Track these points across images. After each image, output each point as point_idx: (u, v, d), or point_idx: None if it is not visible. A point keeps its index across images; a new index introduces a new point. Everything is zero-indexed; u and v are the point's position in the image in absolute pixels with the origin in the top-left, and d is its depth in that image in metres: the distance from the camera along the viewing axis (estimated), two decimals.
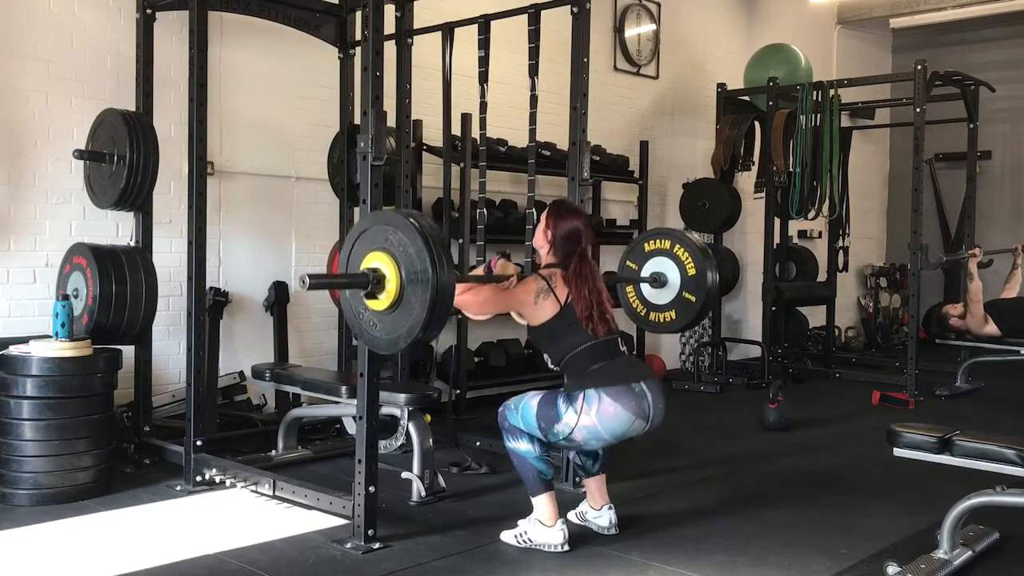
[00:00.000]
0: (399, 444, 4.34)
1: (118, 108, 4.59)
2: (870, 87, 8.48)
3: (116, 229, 4.96)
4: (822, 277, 8.59)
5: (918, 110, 6.91)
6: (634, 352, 7.31)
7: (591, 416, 3.32)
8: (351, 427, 4.56)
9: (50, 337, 4.03)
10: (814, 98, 7.47)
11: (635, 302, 4.58)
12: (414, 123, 5.45)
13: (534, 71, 4.48)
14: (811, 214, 7.66)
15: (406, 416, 4.20)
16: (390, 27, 4.79)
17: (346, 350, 5.55)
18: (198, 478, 4.18)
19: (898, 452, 3.50)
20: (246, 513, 3.88)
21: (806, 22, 9.72)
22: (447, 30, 4.90)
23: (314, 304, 5.81)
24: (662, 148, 8.10)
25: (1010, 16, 9.58)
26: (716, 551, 3.48)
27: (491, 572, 3.25)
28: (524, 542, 3.48)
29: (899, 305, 10.24)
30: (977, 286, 6.90)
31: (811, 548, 3.53)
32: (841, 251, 8.41)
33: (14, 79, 4.62)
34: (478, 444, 4.93)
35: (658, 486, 4.39)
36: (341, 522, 3.65)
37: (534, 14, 4.53)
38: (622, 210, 7.51)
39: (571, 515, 3.72)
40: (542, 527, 3.46)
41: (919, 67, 6.92)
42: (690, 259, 4.37)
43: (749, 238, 8.82)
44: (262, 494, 4.02)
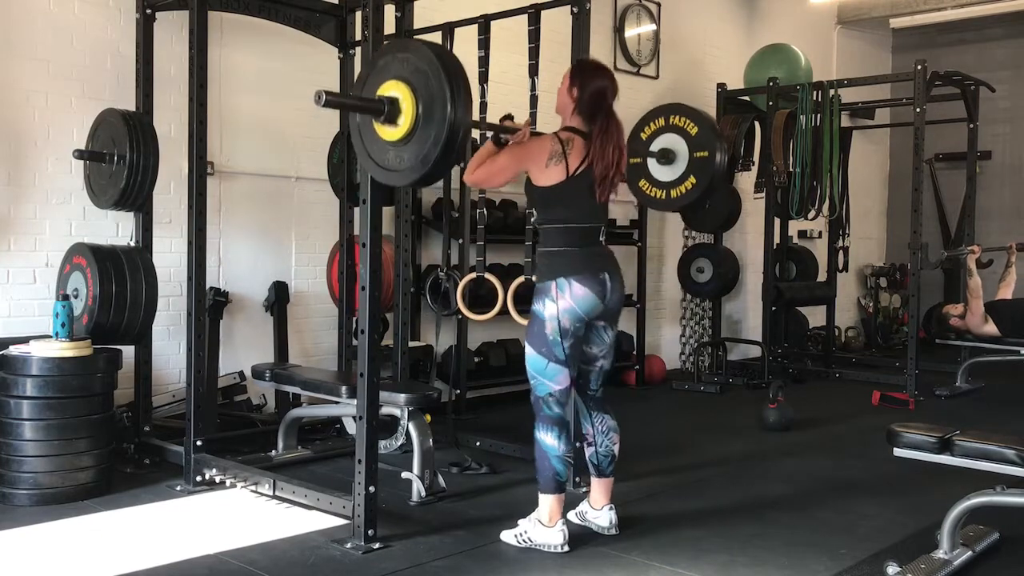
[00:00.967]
0: (399, 444, 4.34)
1: (118, 108, 4.60)
2: (870, 87, 8.48)
3: (116, 229, 4.96)
4: (822, 277, 8.59)
5: (918, 110, 6.91)
6: (634, 352, 7.35)
7: (567, 299, 3.41)
8: (351, 427, 4.56)
9: (50, 337, 4.03)
10: (814, 98, 7.47)
11: (651, 190, 4.63)
12: None
13: (534, 71, 4.48)
14: (811, 214, 7.66)
15: (406, 416, 4.20)
16: (390, 27, 4.80)
17: (346, 350, 5.55)
18: (198, 478, 4.18)
19: (898, 452, 3.49)
20: (246, 513, 3.88)
21: (806, 22, 9.72)
22: (447, 30, 4.90)
23: (314, 304, 5.82)
24: None
25: (1010, 16, 9.58)
26: (716, 551, 3.48)
27: (491, 572, 3.25)
28: (524, 542, 3.48)
29: (899, 305, 10.24)
30: (977, 282, 6.90)
31: (811, 548, 3.53)
32: (841, 251, 8.41)
33: (14, 79, 4.62)
34: (478, 444, 4.93)
35: (658, 486, 4.39)
36: (341, 522, 3.65)
37: (534, 14, 4.54)
38: (622, 210, 7.51)
39: (571, 515, 3.72)
40: (542, 527, 3.46)
41: (919, 67, 6.93)
42: (688, 120, 4.40)
43: (749, 238, 8.83)
44: (262, 494, 4.02)
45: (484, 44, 4.68)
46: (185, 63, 4.33)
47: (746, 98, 8.15)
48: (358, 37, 5.17)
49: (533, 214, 3.69)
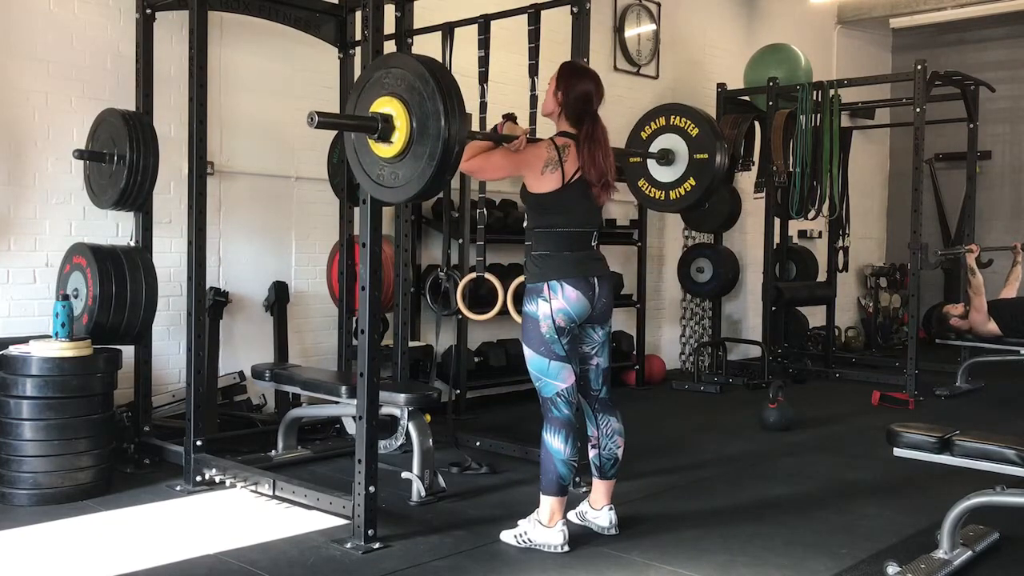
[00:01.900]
0: (399, 444, 4.34)
1: (118, 108, 4.60)
2: (870, 87, 8.48)
3: (116, 229, 4.96)
4: (822, 277, 8.59)
5: (918, 110, 6.91)
6: (635, 353, 7.35)
7: (559, 299, 3.42)
8: (351, 427, 4.56)
9: (50, 337, 4.03)
10: (814, 98, 7.47)
11: (651, 191, 4.62)
12: None
13: (534, 71, 4.48)
14: (811, 214, 7.66)
15: (406, 416, 4.20)
16: (390, 27, 4.79)
17: (346, 350, 5.55)
18: (198, 478, 4.18)
19: (898, 452, 3.49)
20: (246, 513, 3.88)
21: (806, 22, 9.72)
22: (447, 30, 4.90)
23: (314, 304, 5.82)
24: None
25: (1010, 16, 9.57)
26: (716, 551, 3.48)
27: (491, 572, 3.25)
28: (524, 542, 3.48)
29: (899, 305, 10.24)
30: (979, 280, 6.89)
31: (811, 548, 3.53)
32: (841, 251, 8.40)
33: (14, 79, 4.62)
34: (478, 444, 4.93)
35: (658, 486, 4.39)
36: (341, 522, 3.65)
37: (534, 14, 4.54)
38: (622, 210, 7.51)
39: (571, 515, 3.72)
40: (542, 527, 3.46)
41: (919, 67, 6.92)
42: (689, 122, 4.40)
43: (749, 238, 8.83)
44: (262, 494, 4.02)
45: (484, 44, 4.68)
46: (185, 63, 4.33)
47: (746, 98, 8.15)
48: (358, 37, 5.17)
49: (525, 220, 3.67)
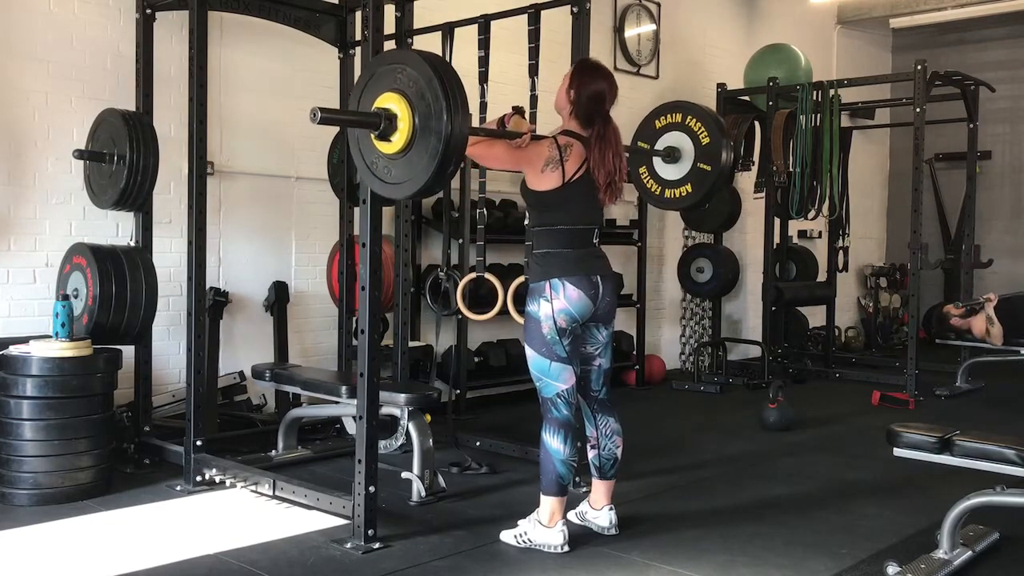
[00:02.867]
0: (399, 444, 4.34)
1: (118, 108, 4.60)
2: (870, 87, 8.48)
3: (116, 229, 4.96)
4: (822, 277, 8.59)
5: (918, 110, 6.91)
6: (635, 353, 7.35)
7: (561, 299, 3.41)
8: (351, 427, 4.56)
9: (50, 337, 4.03)
10: (814, 98, 7.47)
11: (649, 182, 4.60)
12: None
13: (534, 71, 4.48)
14: (811, 214, 7.66)
15: (406, 416, 4.20)
16: (390, 27, 4.79)
17: (346, 350, 5.55)
18: (198, 478, 4.18)
19: (898, 452, 3.49)
20: (246, 513, 3.88)
21: (806, 22, 9.72)
22: (447, 30, 4.90)
23: (314, 304, 5.82)
24: None
25: (1010, 16, 9.57)
26: (716, 551, 3.48)
27: (491, 572, 3.25)
28: (524, 542, 3.48)
29: (899, 305, 10.24)
30: (998, 329, 6.79)
31: (811, 548, 3.53)
32: (841, 251, 8.40)
33: (14, 79, 4.62)
34: (478, 444, 4.93)
35: (658, 486, 4.39)
36: (341, 522, 3.65)
37: (534, 14, 4.54)
38: (622, 210, 7.51)
39: (571, 515, 3.72)
40: (542, 528, 3.46)
41: (919, 67, 6.92)
42: (703, 128, 4.36)
43: (749, 238, 8.82)
44: (262, 494, 4.02)
45: (484, 44, 4.67)
46: (185, 63, 4.33)
47: (746, 98, 8.15)
48: (358, 37, 5.17)
49: (526, 217, 3.67)
